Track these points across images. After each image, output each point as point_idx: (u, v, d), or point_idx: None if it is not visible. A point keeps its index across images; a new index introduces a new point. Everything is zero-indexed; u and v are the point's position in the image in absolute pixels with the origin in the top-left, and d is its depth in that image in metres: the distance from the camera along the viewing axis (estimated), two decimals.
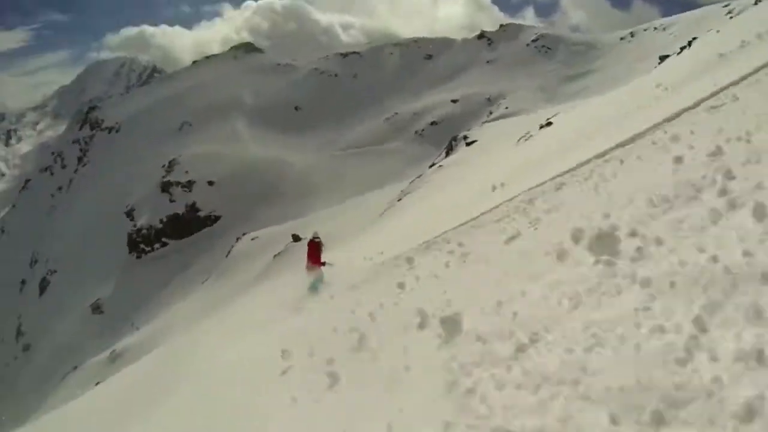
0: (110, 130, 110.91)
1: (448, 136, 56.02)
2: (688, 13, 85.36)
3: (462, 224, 10.21)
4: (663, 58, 36.48)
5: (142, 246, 77.13)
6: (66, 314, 72.60)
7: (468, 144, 41.72)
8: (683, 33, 70.37)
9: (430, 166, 41.92)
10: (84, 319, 69.18)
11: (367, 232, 26.01)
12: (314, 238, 13.66)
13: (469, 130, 52.39)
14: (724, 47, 14.37)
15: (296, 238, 38.11)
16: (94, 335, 61.34)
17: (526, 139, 28.79)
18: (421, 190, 32.04)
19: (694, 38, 33.62)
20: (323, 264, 13.04)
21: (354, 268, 12.13)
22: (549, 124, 29.66)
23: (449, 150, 46.14)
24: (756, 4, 30.14)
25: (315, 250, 13.35)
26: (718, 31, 24.58)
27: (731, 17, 37.21)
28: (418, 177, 39.12)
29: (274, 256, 37.22)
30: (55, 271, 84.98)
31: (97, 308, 70.38)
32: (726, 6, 65.27)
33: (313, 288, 12.41)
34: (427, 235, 11.02)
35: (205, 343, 12.15)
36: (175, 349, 15.24)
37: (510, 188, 11.74)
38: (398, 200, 34.69)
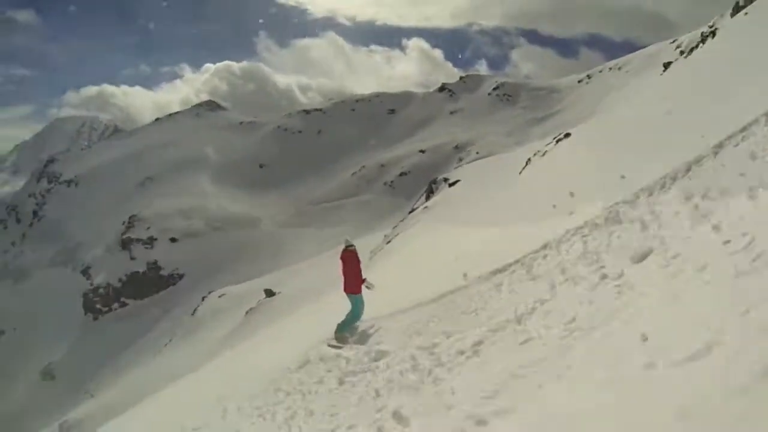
0: (69, 183, 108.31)
1: (419, 186, 55.15)
2: (638, 52, 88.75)
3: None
4: (667, 65, 35.94)
5: (98, 306, 73.40)
6: (13, 380, 67.38)
7: (450, 185, 39.51)
8: (637, 69, 73.20)
9: (410, 212, 40.43)
10: (33, 385, 64.18)
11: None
12: (348, 246, 9.39)
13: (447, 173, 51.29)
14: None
15: (269, 293, 36.24)
16: (43, 403, 56.55)
17: (542, 155, 26.07)
18: (414, 229, 29.72)
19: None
20: (364, 283, 9.24)
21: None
22: (567, 135, 26.76)
23: (429, 193, 44.11)
24: (703, 41, 30.59)
25: (352, 263, 9.26)
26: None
27: (682, 52, 38.14)
28: (402, 221, 37.37)
29: (246, 312, 35.23)
30: (3, 332, 79.93)
31: (47, 374, 65.62)
32: (673, 42, 68.20)
33: (346, 329, 8.96)
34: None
35: None
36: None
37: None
38: (387, 242, 32.69)
